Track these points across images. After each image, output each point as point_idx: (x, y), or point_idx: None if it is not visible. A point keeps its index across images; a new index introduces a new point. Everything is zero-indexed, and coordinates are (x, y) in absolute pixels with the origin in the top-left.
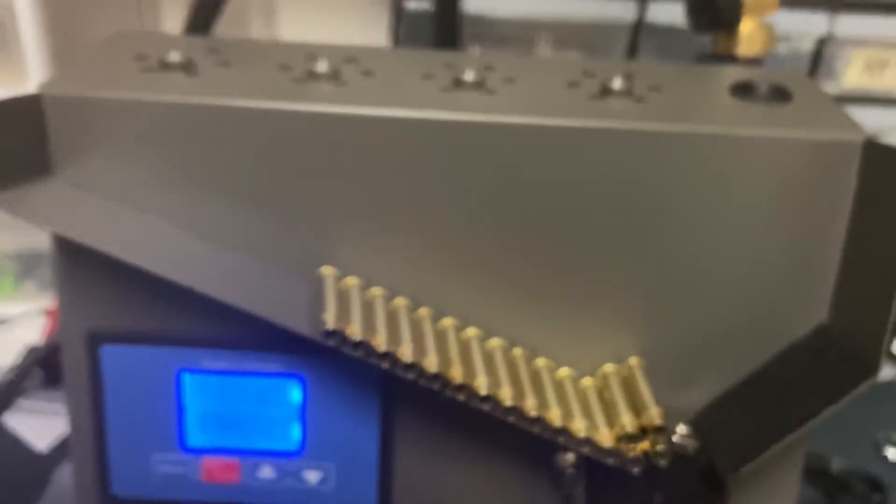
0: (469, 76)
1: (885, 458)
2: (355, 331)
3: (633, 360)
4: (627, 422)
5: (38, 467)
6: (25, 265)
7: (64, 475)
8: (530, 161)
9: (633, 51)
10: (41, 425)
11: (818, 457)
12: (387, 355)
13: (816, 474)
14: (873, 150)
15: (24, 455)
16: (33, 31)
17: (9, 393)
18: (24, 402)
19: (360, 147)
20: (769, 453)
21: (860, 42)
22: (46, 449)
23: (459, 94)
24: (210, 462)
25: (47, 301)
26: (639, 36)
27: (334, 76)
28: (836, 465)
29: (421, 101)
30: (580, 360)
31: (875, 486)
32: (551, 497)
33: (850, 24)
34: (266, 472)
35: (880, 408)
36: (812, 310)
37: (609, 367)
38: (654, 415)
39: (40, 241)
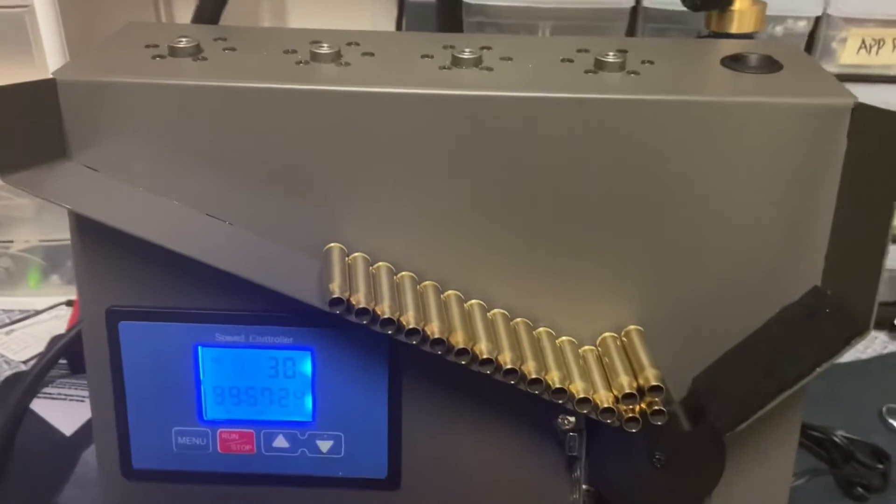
0: (467, 54)
1: (890, 429)
2: (360, 299)
3: (632, 327)
4: (626, 382)
5: (65, 450)
6: (51, 259)
7: (90, 457)
8: (526, 134)
9: (632, 36)
10: (67, 411)
11: (823, 428)
12: (391, 322)
13: (821, 445)
14: (863, 113)
15: (52, 438)
16: (52, 30)
17: (36, 380)
18: (50, 390)
19: (362, 124)
20: (765, 410)
21: (855, 20)
22: (73, 432)
23: (458, 71)
24: (226, 433)
25: (73, 294)
26: (637, 20)
27: (337, 58)
28: (841, 435)
29: (420, 78)
30: (580, 328)
31: (879, 455)
32: (556, 459)
33: (844, 3)
34: (280, 441)
35: (885, 380)
36: (806, 272)
37: (608, 335)
38: (651, 375)
39: (65, 234)
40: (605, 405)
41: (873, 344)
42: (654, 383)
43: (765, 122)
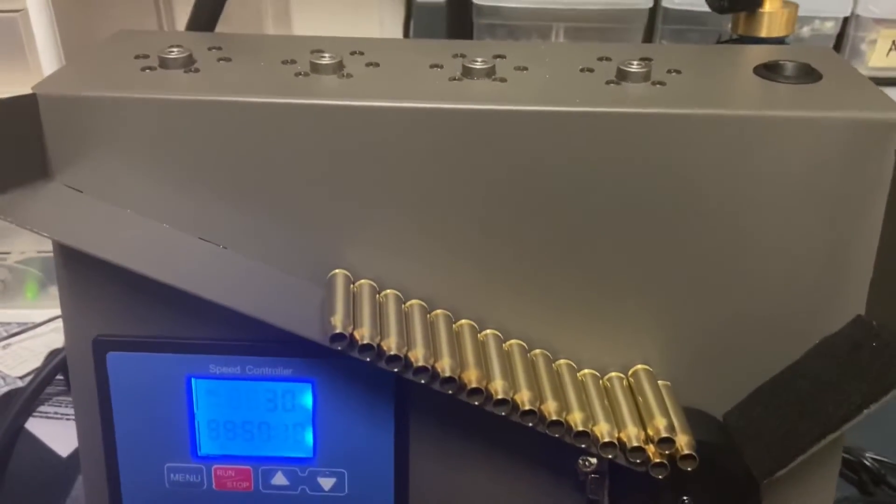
0: (479, 64)
1: None
2: (364, 334)
3: (661, 383)
4: (662, 425)
5: (60, 472)
6: (49, 270)
7: None
8: (544, 151)
9: (650, 38)
10: (63, 431)
11: (852, 450)
12: (398, 359)
13: (850, 467)
14: None
15: (47, 460)
16: (47, 35)
17: (31, 400)
18: (46, 409)
19: (366, 141)
20: (806, 455)
21: (886, 21)
22: (69, 454)
23: (469, 83)
24: (222, 470)
25: None
26: (656, 22)
27: (339, 68)
28: (871, 458)
29: (429, 91)
30: (603, 360)
31: None
32: (574, 501)
33: (874, 3)
34: (279, 479)
35: None
36: (849, 300)
37: (640, 367)
38: (685, 443)
39: None
40: (634, 444)
41: None
42: (687, 452)
43: (804, 138)
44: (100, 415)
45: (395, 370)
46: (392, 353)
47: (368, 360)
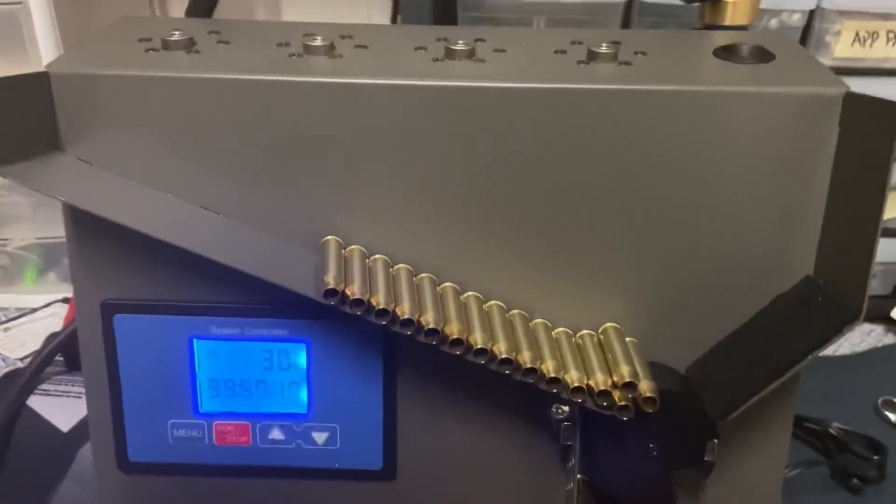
0: (460, 46)
1: (885, 421)
2: (355, 290)
3: (629, 339)
4: (626, 371)
5: (62, 446)
6: (48, 257)
7: (87, 453)
8: (519, 125)
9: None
10: (64, 407)
11: (818, 420)
12: (385, 312)
13: (817, 436)
14: (854, 102)
15: (49, 435)
16: (46, 28)
17: (32, 378)
18: (47, 387)
19: (355, 116)
20: (758, 398)
21: (849, 13)
22: (69, 429)
23: (451, 63)
24: (222, 426)
25: (69, 291)
26: (632, 13)
27: (330, 50)
28: (837, 427)
29: (413, 69)
30: (575, 319)
31: (875, 447)
32: (549, 450)
33: None
34: (275, 434)
35: (880, 373)
36: (799, 261)
37: (609, 325)
38: (647, 388)
39: (61, 232)
40: (601, 388)
41: (868, 337)
42: (648, 395)
43: (756, 112)
44: (107, 374)
45: (384, 323)
46: (380, 307)
47: (359, 313)
